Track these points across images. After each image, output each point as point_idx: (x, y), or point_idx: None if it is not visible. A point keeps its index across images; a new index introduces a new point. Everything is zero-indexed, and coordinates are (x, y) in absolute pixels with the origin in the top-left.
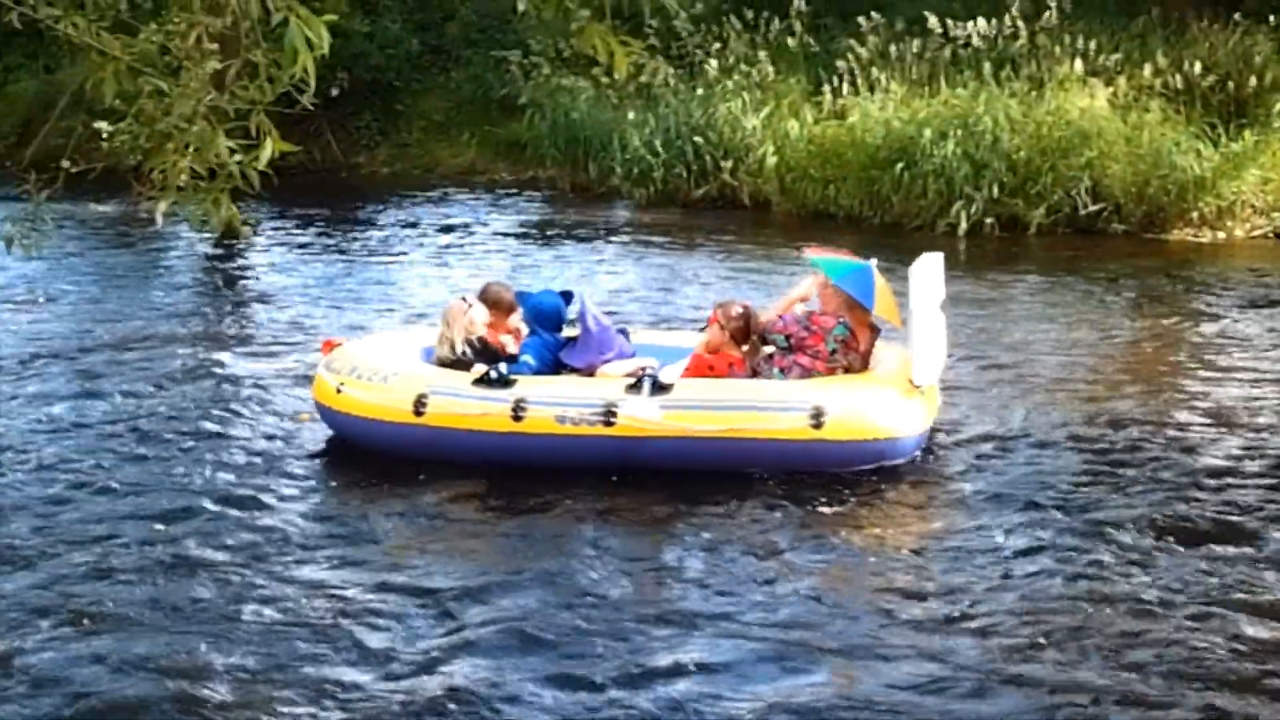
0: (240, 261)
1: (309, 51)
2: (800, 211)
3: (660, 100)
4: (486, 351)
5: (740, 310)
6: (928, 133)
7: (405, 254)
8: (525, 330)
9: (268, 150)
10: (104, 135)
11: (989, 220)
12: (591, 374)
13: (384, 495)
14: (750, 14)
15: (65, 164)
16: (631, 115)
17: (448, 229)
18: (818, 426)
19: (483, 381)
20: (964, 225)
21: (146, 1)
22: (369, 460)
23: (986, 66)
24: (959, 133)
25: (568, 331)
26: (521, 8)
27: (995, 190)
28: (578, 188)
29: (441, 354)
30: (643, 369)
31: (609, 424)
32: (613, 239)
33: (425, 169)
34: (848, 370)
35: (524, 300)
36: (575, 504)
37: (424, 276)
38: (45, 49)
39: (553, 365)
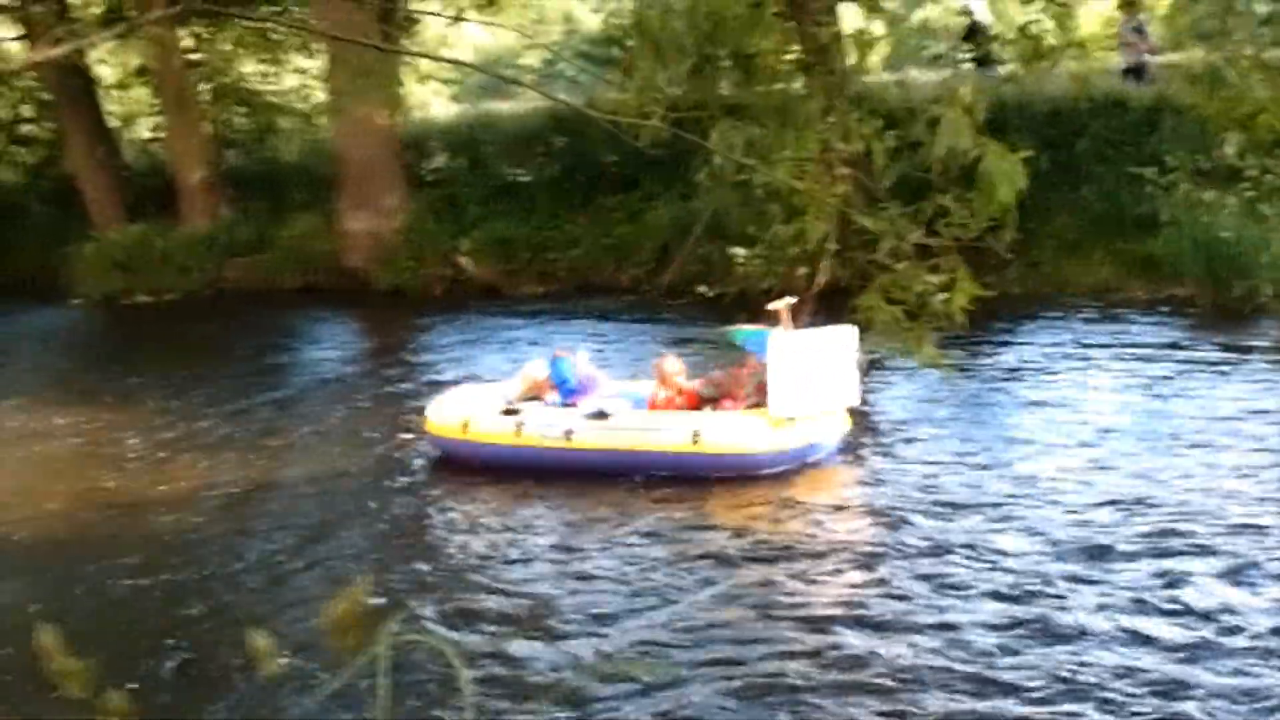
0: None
1: (1008, 189)
2: None
3: None
4: (529, 397)
5: (656, 362)
6: None
7: (1045, 374)
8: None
9: (965, 292)
10: (739, 261)
11: None
12: (576, 405)
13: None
14: None
15: (703, 288)
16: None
17: (1082, 347)
18: (695, 443)
19: (505, 412)
20: None
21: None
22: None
23: None
24: None
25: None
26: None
27: None
28: (1219, 306)
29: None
30: (600, 408)
31: (569, 439)
32: (1257, 360)
33: (1055, 288)
34: (759, 405)
35: (553, 364)
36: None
37: (1060, 396)
38: (680, 177)
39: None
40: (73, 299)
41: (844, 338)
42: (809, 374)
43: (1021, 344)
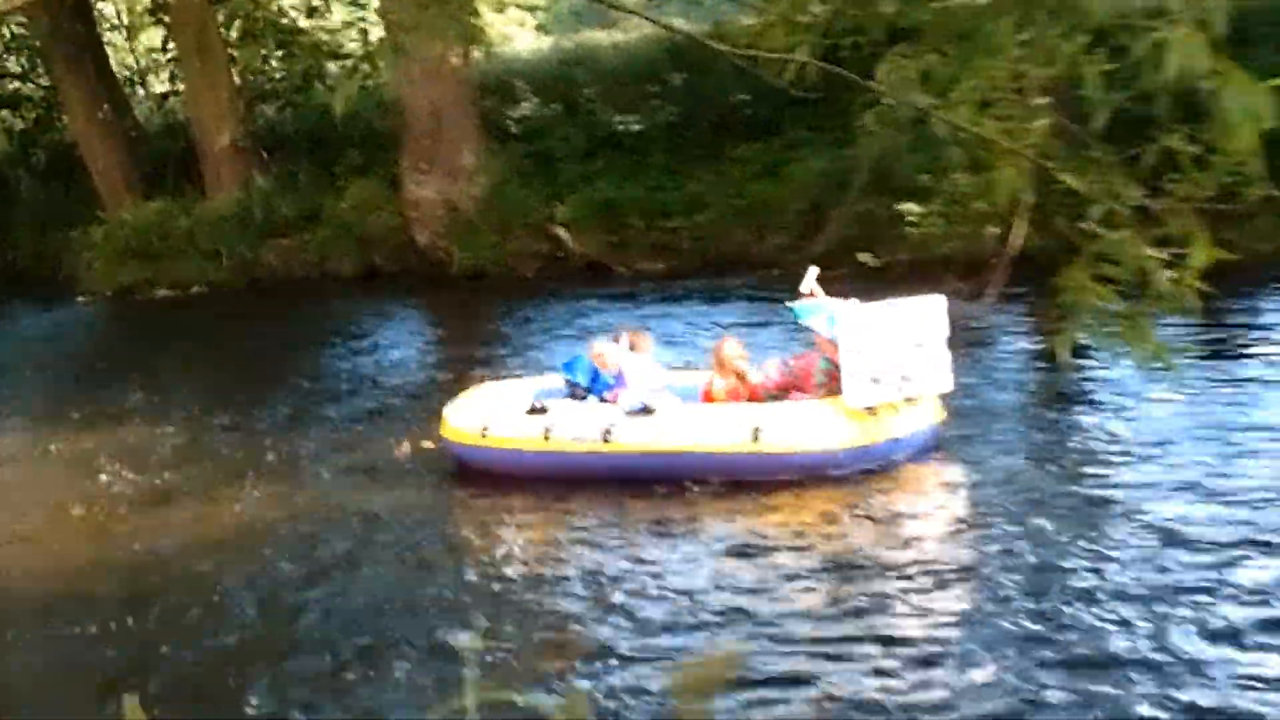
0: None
1: (1251, 129)
2: None
3: None
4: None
5: (714, 345)
6: None
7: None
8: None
9: (1200, 258)
10: (909, 220)
11: None
12: (614, 401)
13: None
14: None
15: (865, 256)
16: None
17: None
18: (756, 441)
19: (530, 412)
20: None
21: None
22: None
23: None
24: None
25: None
26: None
27: None
28: None
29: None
30: (643, 402)
31: (606, 440)
32: None
33: None
34: (832, 393)
35: (564, 368)
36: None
37: None
38: (833, 118)
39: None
40: (79, 295)
41: (932, 310)
42: (890, 356)
43: (1260, 316)
